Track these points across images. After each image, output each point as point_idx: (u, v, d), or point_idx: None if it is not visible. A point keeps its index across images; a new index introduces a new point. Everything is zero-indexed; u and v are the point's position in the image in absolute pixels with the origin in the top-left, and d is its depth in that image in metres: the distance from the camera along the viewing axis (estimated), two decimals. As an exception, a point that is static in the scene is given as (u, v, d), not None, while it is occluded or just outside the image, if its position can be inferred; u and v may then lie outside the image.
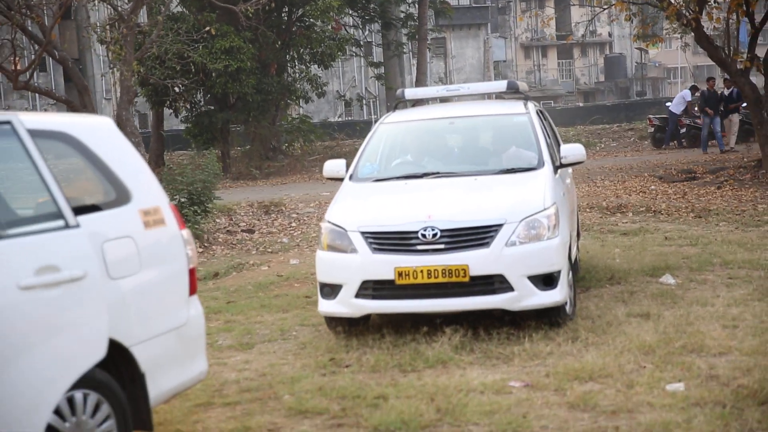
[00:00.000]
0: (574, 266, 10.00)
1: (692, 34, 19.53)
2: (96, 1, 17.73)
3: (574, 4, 64.89)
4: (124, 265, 5.28)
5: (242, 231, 16.85)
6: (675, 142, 29.00)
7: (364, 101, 45.21)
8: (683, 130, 28.57)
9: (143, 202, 5.66)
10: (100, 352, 4.77)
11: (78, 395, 4.93)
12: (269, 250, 14.97)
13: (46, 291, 4.61)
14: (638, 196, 18.42)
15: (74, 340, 4.71)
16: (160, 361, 5.46)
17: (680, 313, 8.59)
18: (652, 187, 19.55)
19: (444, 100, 12.59)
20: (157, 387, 5.43)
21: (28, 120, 4.96)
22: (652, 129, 30.05)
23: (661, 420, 5.77)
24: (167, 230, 5.72)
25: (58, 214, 4.77)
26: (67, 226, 4.76)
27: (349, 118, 46.25)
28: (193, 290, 5.91)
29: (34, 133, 4.90)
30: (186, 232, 5.92)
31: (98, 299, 4.79)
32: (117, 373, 5.25)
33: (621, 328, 8.16)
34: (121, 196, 5.54)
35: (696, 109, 27.97)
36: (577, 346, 7.63)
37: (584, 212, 15.83)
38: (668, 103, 29.09)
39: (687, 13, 18.80)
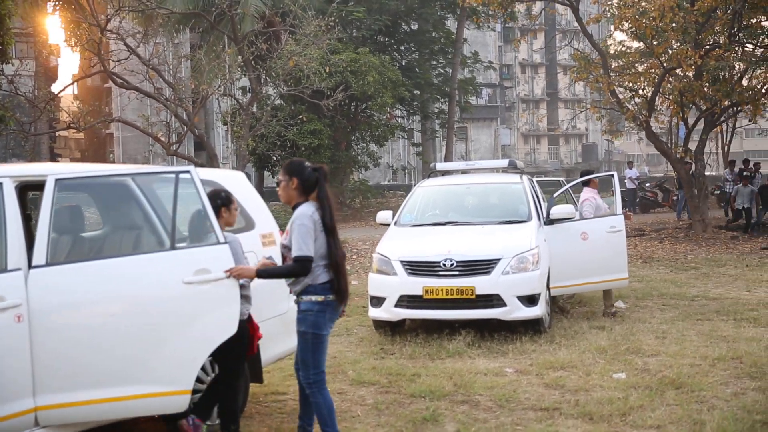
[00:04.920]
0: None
1: (644, 131, 19.72)
2: (224, 96, 18.29)
3: (560, 107, 65.41)
4: None
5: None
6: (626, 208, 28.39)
7: (406, 170, 45.59)
8: (637, 199, 28.47)
9: (262, 228, 6.10)
10: (233, 328, 4.89)
11: (216, 357, 5.35)
12: (337, 273, 15.20)
13: (201, 285, 4.76)
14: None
15: (218, 319, 4.84)
16: (270, 336, 5.77)
17: (626, 327, 8.79)
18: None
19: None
20: (267, 353, 5.81)
21: (200, 172, 5.25)
22: (613, 198, 29.66)
23: (608, 396, 6.04)
24: (276, 248, 6.03)
25: (213, 235, 4.85)
26: (218, 242, 4.83)
27: (395, 182, 46.55)
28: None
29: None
30: None
31: (234, 293, 4.90)
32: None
33: (584, 335, 8.39)
34: (249, 224, 5.99)
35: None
36: (553, 346, 7.88)
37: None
38: (627, 179, 28.90)
39: (640, 116, 19.07)
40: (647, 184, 28.78)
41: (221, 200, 5.13)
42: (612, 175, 10.32)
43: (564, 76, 58.37)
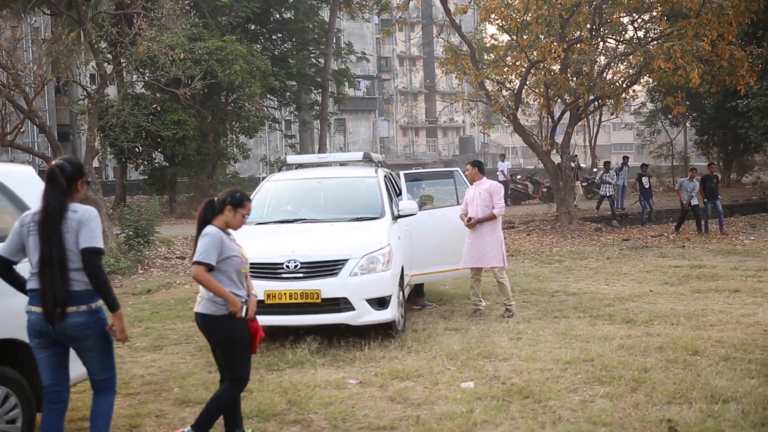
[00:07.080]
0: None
1: (512, 124, 19.70)
2: (69, 83, 16.86)
3: (438, 100, 65.99)
4: None
5: (176, 257, 16.16)
6: None
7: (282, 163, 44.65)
8: (509, 192, 28.72)
9: None
10: None
11: (-13, 389, 4.55)
12: (194, 273, 14.30)
13: None
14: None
15: None
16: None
17: (482, 327, 8.46)
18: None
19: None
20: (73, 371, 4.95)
21: None
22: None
23: (451, 411, 5.58)
24: None
25: None
26: None
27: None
28: None
29: None
30: None
31: None
32: (26, 369, 4.80)
33: (438, 338, 7.97)
34: None
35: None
36: (403, 353, 7.41)
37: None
38: (499, 172, 29.05)
39: (508, 109, 19.04)
40: (518, 177, 29.13)
41: (231, 198, 5.04)
42: (452, 172, 10.81)
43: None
